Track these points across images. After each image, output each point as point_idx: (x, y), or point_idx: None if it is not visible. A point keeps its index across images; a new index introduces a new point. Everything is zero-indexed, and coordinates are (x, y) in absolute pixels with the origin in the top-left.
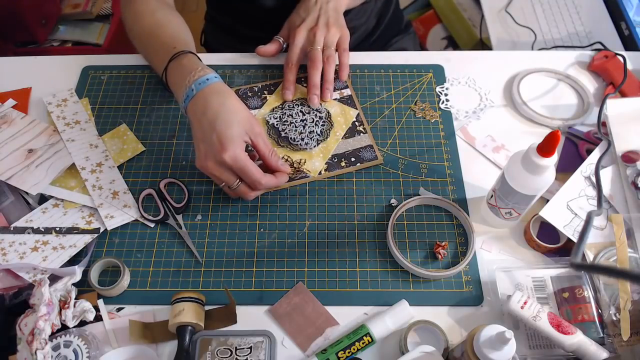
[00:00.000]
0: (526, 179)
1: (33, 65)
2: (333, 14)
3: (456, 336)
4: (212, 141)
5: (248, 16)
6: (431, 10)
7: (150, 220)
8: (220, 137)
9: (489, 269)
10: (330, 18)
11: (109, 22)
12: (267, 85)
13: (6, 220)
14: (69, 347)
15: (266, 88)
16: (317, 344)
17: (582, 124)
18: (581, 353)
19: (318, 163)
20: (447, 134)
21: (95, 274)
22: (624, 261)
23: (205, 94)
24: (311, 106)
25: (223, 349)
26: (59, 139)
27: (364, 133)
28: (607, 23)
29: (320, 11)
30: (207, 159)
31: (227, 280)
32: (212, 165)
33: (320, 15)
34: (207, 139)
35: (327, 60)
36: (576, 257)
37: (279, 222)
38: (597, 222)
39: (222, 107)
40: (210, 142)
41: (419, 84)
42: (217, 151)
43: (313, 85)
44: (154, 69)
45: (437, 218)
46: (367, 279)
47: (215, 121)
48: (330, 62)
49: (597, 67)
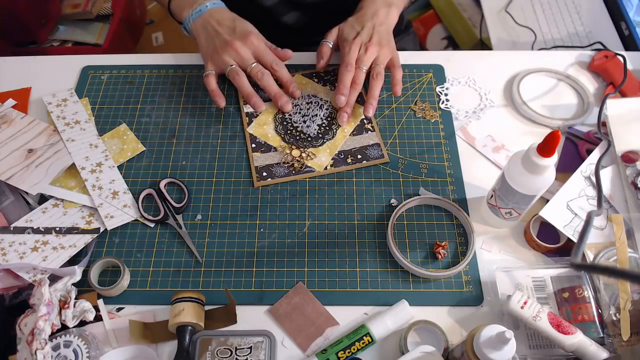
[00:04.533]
0: (526, 179)
1: (33, 65)
2: (386, 35)
3: (456, 336)
4: (236, 31)
5: (248, 15)
6: (431, 10)
7: (150, 220)
8: (244, 28)
9: (489, 269)
10: (383, 39)
11: (109, 22)
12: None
13: (6, 220)
14: (69, 347)
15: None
16: (317, 344)
17: (582, 124)
18: (581, 353)
19: (324, 158)
20: (447, 134)
21: (95, 274)
22: (624, 261)
23: (219, 9)
24: (339, 123)
25: (223, 349)
26: (58, 139)
27: (372, 131)
28: (607, 23)
29: (374, 30)
30: (233, 40)
31: (227, 280)
32: (238, 44)
33: (374, 34)
34: (230, 30)
35: (375, 77)
36: (576, 257)
37: (279, 222)
38: (597, 222)
39: (236, 16)
40: (233, 31)
41: (419, 84)
42: (244, 34)
43: (348, 105)
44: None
45: (437, 218)
46: (367, 279)
47: (234, 21)
48: (378, 79)
49: (597, 67)
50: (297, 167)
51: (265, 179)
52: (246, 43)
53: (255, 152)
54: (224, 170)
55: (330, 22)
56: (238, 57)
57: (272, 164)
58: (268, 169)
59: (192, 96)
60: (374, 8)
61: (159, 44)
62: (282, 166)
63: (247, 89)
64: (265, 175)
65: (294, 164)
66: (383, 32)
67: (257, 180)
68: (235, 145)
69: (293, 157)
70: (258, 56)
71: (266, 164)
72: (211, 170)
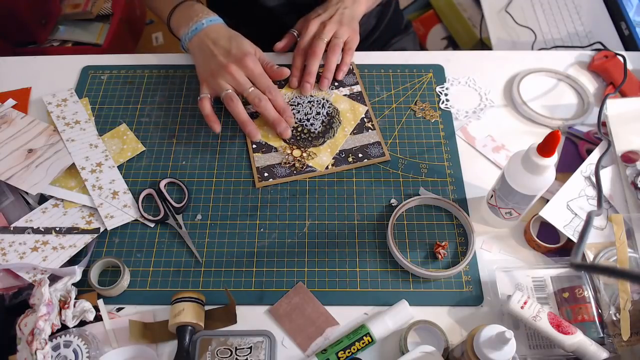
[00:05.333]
0: (526, 179)
1: (33, 65)
2: (348, 16)
3: (456, 336)
4: (231, 52)
5: (250, 15)
6: (431, 10)
7: (150, 220)
8: (241, 49)
9: (489, 269)
10: (345, 18)
11: (109, 22)
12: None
13: (6, 220)
14: (69, 347)
15: (276, 82)
16: (317, 344)
17: (582, 124)
18: (581, 353)
19: (325, 158)
20: (447, 134)
21: (95, 274)
22: (624, 261)
23: (216, 27)
24: (303, 94)
25: (223, 349)
26: (58, 139)
27: (372, 130)
28: (607, 23)
29: (337, 11)
30: (228, 63)
31: (227, 280)
32: (233, 68)
33: (335, 14)
34: (225, 52)
35: (330, 49)
36: (576, 257)
37: (279, 222)
38: (597, 222)
39: (233, 33)
40: (229, 53)
41: (419, 84)
42: (239, 57)
43: (308, 73)
44: (158, 13)
45: (437, 218)
46: (367, 279)
47: (230, 40)
48: (334, 51)
49: (597, 67)
50: (299, 167)
51: (267, 180)
52: (242, 66)
53: (257, 153)
54: (224, 170)
55: None
56: (234, 81)
57: (273, 164)
58: (269, 169)
59: (192, 96)
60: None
61: (159, 44)
62: (283, 166)
63: (242, 116)
64: (266, 176)
65: (295, 164)
66: (347, 14)
67: (258, 180)
68: (235, 145)
69: (294, 157)
70: (253, 80)
71: (267, 164)
72: (211, 170)
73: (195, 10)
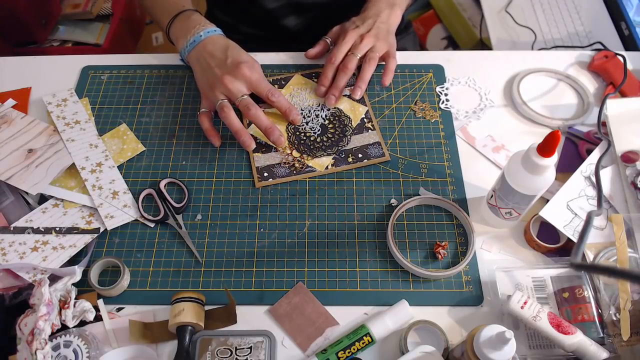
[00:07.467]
0: (526, 179)
1: (33, 65)
2: (384, 31)
3: (456, 336)
4: (226, 63)
5: (249, 16)
6: (431, 10)
7: (150, 220)
8: (236, 59)
9: (489, 269)
10: (381, 33)
11: (109, 22)
12: (278, 79)
13: (6, 220)
14: (69, 347)
15: (277, 82)
16: (317, 344)
17: (582, 124)
18: (581, 353)
19: (325, 158)
20: (447, 134)
21: (95, 274)
22: (624, 261)
23: (213, 39)
24: (327, 105)
25: (223, 349)
26: (58, 139)
27: (372, 130)
28: (607, 23)
29: (374, 25)
30: (223, 74)
31: (227, 280)
32: (228, 78)
33: (372, 28)
34: (220, 64)
35: (367, 61)
36: (576, 257)
37: (279, 222)
38: (597, 222)
39: (230, 43)
40: (224, 64)
41: (419, 84)
42: (234, 66)
43: (335, 87)
44: (157, 22)
45: (437, 218)
46: (367, 279)
47: (226, 51)
48: (370, 64)
49: (597, 67)
50: (298, 167)
51: (267, 179)
52: (237, 76)
53: (256, 153)
54: (224, 170)
55: (331, 26)
56: (227, 91)
57: (273, 164)
58: (269, 169)
59: (192, 96)
60: (377, 8)
61: (159, 44)
62: (283, 166)
63: (235, 125)
64: (266, 176)
65: (295, 164)
66: (383, 28)
67: (258, 180)
68: (235, 145)
69: (294, 157)
70: (252, 87)
71: (267, 164)
72: (211, 170)
73: (193, 22)
